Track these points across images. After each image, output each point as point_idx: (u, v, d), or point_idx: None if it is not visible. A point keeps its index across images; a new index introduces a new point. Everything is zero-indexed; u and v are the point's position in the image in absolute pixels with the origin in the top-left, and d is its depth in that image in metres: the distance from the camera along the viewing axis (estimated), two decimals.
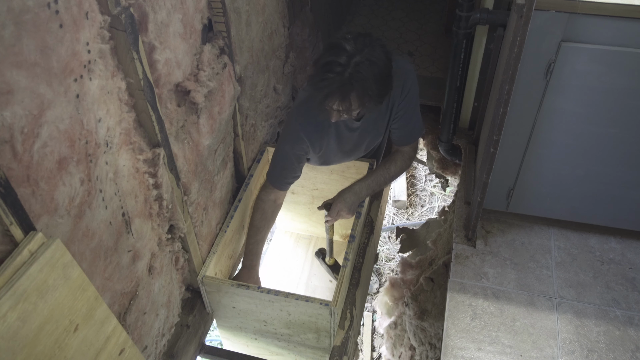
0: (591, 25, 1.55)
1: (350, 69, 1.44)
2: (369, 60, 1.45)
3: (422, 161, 4.01)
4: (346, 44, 1.45)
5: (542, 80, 1.67)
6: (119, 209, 1.20)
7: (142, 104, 1.18)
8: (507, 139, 1.84)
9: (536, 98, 1.72)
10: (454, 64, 2.26)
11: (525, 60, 1.58)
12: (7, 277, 0.85)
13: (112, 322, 1.12)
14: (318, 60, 1.51)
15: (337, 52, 1.45)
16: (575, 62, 1.62)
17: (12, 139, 0.84)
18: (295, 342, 1.86)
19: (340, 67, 1.44)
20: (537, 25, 1.55)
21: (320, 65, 1.49)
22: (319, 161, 1.93)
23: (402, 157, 1.85)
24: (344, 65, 1.44)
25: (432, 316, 2.22)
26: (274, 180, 1.82)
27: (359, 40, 1.47)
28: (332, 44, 1.49)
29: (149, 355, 1.50)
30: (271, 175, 1.83)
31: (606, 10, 1.51)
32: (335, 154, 1.90)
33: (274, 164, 1.82)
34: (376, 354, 3.63)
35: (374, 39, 1.51)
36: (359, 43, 1.46)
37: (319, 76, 1.48)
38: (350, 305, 1.83)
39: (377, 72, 1.47)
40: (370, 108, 1.58)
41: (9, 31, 0.79)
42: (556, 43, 1.59)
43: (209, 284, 1.69)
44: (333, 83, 1.45)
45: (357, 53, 1.44)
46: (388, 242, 4.27)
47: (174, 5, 1.26)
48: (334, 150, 1.86)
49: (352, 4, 3.44)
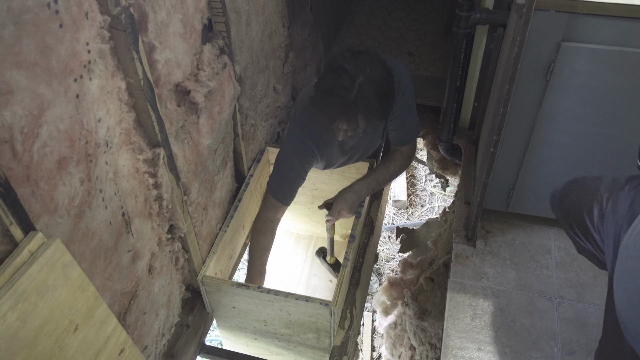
0: (591, 25, 1.55)
1: (355, 91, 1.44)
2: (372, 80, 1.45)
3: (422, 161, 4.01)
4: (347, 64, 1.45)
5: (542, 80, 1.67)
6: (119, 209, 1.20)
7: (142, 104, 1.18)
8: (507, 139, 1.84)
9: (536, 98, 1.72)
10: (454, 64, 2.26)
11: (525, 60, 1.59)
12: (7, 277, 0.85)
13: (112, 322, 1.12)
14: (320, 83, 1.51)
15: (339, 75, 1.45)
16: (575, 62, 1.62)
17: (12, 139, 0.84)
18: (295, 342, 1.86)
19: (344, 90, 1.44)
20: (537, 25, 1.55)
21: (323, 89, 1.48)
22: (320, 167, 1.93)
23: (401, 155, 1.85)
24: (348, 89, 1.43)
25: (432, 316, 2.22)
26: (283, 198, 1.77)
27: (359, 59, 1.47)
28: (333, 66, 1.48)
29: (149, 355, 1.50)
30: (279, 194, 1.77)
31: (606, 10, 1.51)
32: (338, 159, 1.90)
33: (282, 181, 1.76)
34: (376, 354, 3.63)
35: (372, 55, 1.50)
36: (359, 62, 1.46)
37: (323, 100, 1.47)
38: (350, 305, 1.83)
39: (380, 90, 1.47)
40: (376, 123, 1.58)
41: (8, 31, 0.79)
42: (556, 43, 1.59)
43: (209, 283, 1.69)
44: (338, 106, 1.45)
45: (359, 73, 1.44)
46: (388, 242, 4.27)
47: (174, 5, 1.25)
48: (337, 156, 1.86)
49: (352, 4, 3.44)
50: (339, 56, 1.49)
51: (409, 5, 3.46)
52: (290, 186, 1.77)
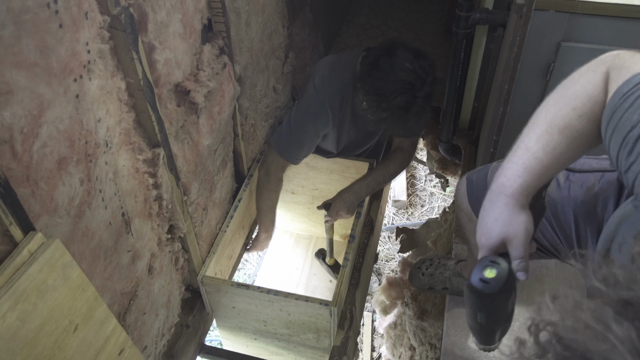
0: (591, 25, 1.55)
1: (423, 88, 1.52)
2: (431, 91, 1.54)
3: (422, 161, 4.01)
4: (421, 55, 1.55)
5: (542, 80, 1.67)
6: (119, 209, 1.20)
7: (142, 104, 1.18)
8: (507, 139, 1.83)
9: (536, 98, 1.72)
10: (454, 64, 2.26)
11: (524, 60, 1.58)
12: (7, 277, 0.85)
13: (112, 322, 1.12)
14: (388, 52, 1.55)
15: (413, 59, 1.52)
16: (575, 62, 1.60)
17: (11, 139, 0.84)
18: (295, 342, 1.86)
19: (415, 76, 1.51)
20: (536, 25, 1.55)
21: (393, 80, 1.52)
22: (330, 138, 1.92)
23: (401, 154, 1.85)
24: (420, 78, 1.51)
25: (432, 316, 2.22)
26: (291, 157, 1.79)
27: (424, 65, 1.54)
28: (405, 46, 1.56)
29: (148, 355, 1.50)
30: (287, 152, 1.78)
31: (606, 10, 1.51)
32: (348, 133, 1.89)
33: (291, 139, 1.77)
34: (376, 354, 3.62)
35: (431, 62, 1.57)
36: (428, 64, 1.55)
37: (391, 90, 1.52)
38: (350, 305, 1.82)
39: (430, 106, 1.58)
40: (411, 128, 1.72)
41: (8, 31, 0.79)
42: (556, 43, 1.59)
43: (208, 284, 1.69)
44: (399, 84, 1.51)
45: (429, 75, 1.53)
46: (388, 242, 4.26)
47: (174, 5, 1.25)
48: (348, 128, 1.85)
49: (352, 4, 3.44)
50: (406, 42, 1.58)
51: (409, 5, 3.46)
52: (299, 146, 1.78)
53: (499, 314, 0.81)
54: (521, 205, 0.82)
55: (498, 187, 0.83)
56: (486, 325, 0.82)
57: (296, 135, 1.76)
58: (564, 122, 0.80)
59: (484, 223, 0.84)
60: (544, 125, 0.82)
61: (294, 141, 1.77)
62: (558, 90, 0.85)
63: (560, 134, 0.80)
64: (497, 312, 0.81)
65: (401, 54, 1.53)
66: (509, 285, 0.78)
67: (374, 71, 1.54)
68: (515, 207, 0.81)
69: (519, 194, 0.81)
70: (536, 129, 0.83)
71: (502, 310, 0.81)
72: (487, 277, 0.77)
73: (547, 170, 0.81)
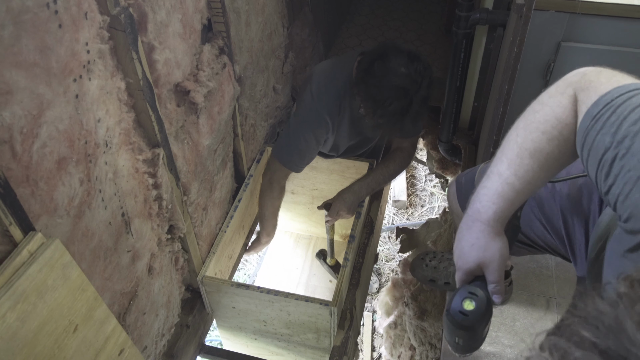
0: (591, 25, 1.55)
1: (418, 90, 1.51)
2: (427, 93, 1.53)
3: (422, 161, 4.01)
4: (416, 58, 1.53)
5: (542, 80, 1.67)
6: (119, 209, 1.20)
7: (142, 104, 1.18)
8: None
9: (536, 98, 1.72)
10: (453, 64, 2.26)
11: (524, 60, 1.59)
12: (7, 277, 0.85)
13: (112, 323, 1.12)
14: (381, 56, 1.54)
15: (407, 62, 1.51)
16: (574, 62, 1.61)
17: (11, 139, 0.84)
18: (295, 342, 1.86)
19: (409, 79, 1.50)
20: (536, 25, 1.55)
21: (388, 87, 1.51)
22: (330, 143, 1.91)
23: (401, 154, 1.85)
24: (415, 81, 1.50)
25: (432, 316, 2.21)
26: (294, 166, 1.80)
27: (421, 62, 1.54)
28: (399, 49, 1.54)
29: (148, 355, 1.50)
30: (290, 162, 1.79)
31: (606, 10, 1.51)
32: (347, 137, 1.89)
33: (292, 148, 1.78)
34: (376, 354, 3.62)
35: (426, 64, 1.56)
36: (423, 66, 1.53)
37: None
38: (350, 305, 1.82)
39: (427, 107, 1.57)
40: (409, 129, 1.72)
41: (8, 31, 0.79)
42: (556, 43, 1.59)
43: (208, 284, 1.69)
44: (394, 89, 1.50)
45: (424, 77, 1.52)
46: (388, 242, 4.26)
47: (174, 5, 1.25)
48: (346, 132, 1.85)
49: (352, 4, 3.44)
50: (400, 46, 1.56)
51: (409, 5, 3.46)
52: (301, 155, 1.78)
53: (476, 336, 0.88)
54: (496, 232, 0.85)
55: (474, 212, 0.86)
56: (463, 346, 0.89)
57: (296, 144, 1.76)
58: (534, 146, 0.82)
59: (461, 247, 0.88)
60: (515, 149, 0.83)
61: (295, 151, 1.77)
62: (527, 113, 0.87)
63: (530, 157, 0.82)
64: (475, 335, 0.87)
65: (395, 59, 1.52)
66: (486, 313, 0.84)
67: (369, 78, 1.53)
68: (490, 234, 0.84)
69: (494, 221, 0.84)
70: (508, 152, 0.84)
71: (479, 333, 0.87)
72: (467, 310, 0.83)
73: (519, 196, 0.83)
